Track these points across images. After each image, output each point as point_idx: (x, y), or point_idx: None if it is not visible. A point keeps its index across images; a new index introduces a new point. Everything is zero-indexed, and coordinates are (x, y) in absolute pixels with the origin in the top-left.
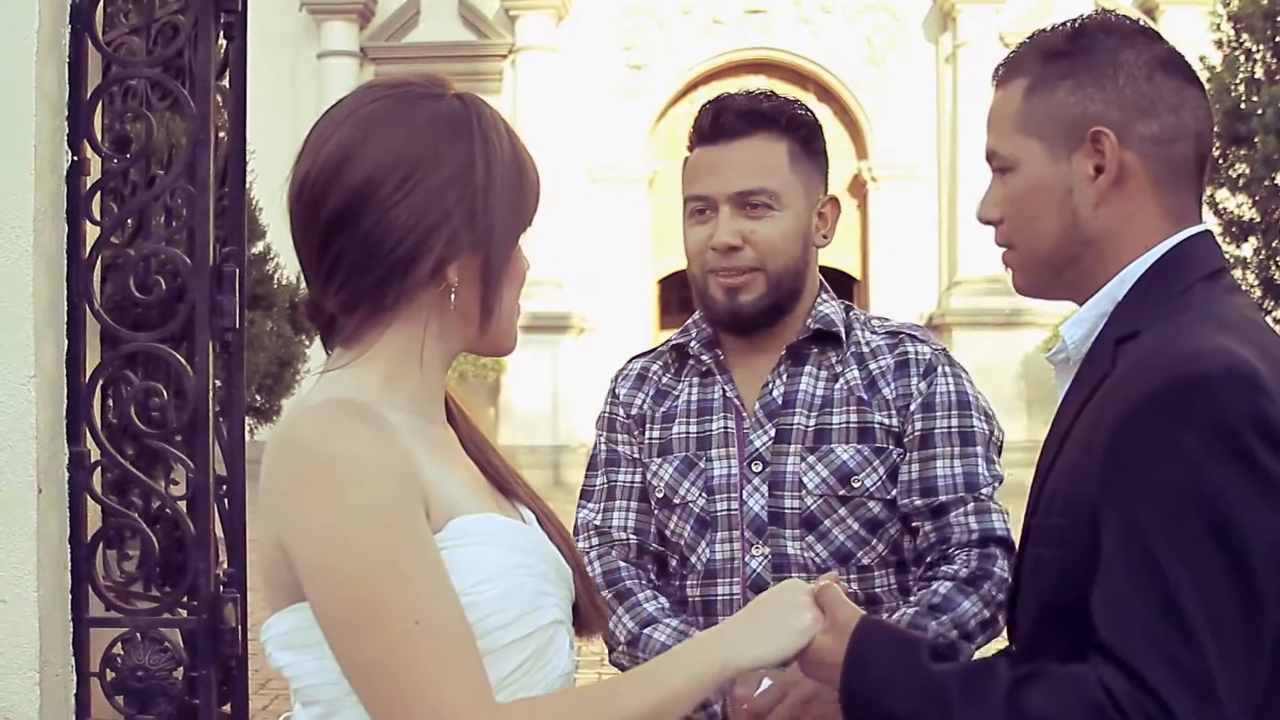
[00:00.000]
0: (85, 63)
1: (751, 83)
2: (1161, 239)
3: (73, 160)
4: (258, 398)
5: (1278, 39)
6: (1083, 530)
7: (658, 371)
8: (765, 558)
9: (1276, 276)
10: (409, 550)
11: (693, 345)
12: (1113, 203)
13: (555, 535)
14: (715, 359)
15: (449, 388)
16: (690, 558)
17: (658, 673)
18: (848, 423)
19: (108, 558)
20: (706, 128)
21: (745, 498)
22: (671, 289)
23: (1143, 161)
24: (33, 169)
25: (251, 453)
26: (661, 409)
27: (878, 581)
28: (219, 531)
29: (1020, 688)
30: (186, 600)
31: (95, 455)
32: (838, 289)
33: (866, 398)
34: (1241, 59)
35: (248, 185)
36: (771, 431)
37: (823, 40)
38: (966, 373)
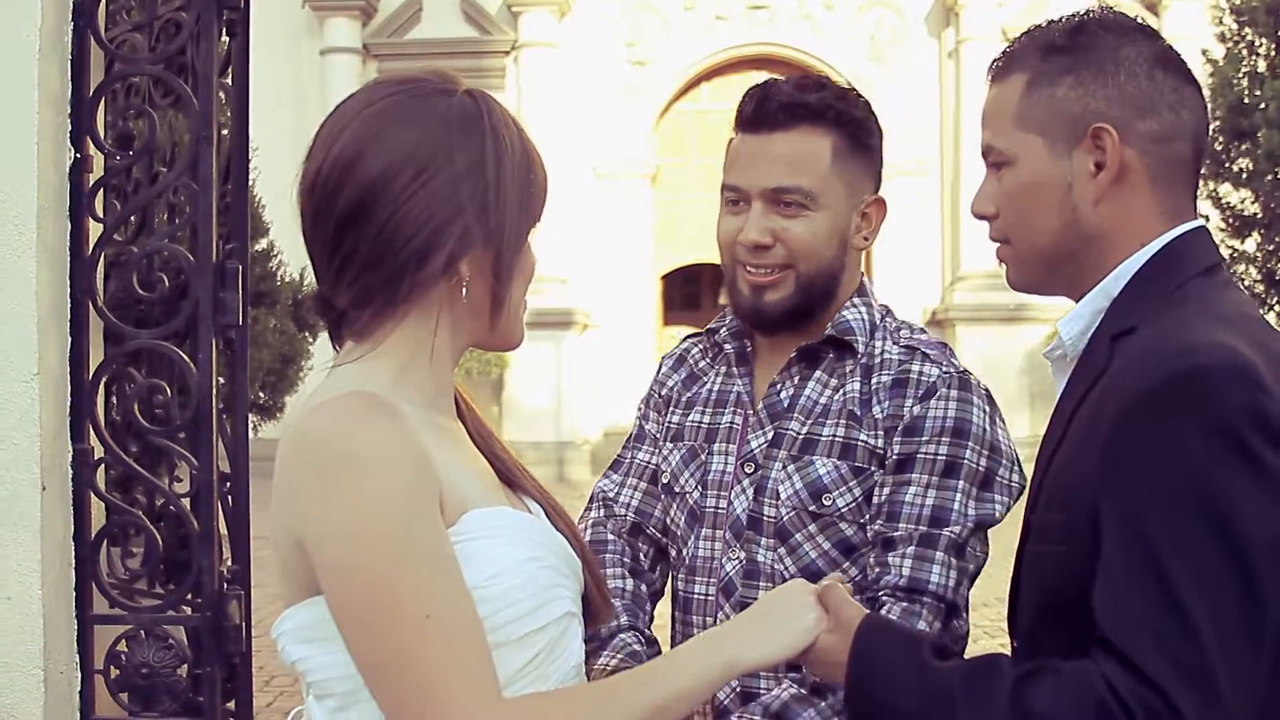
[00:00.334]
0: (88, 60)
1: (754, 79)
2: (1158, 235)
3: (76, 157)
4: (261, 395)
5: None
6: (1082, 526)
7: (697, 355)
8: (739, 562)
9: (1279, 271)
10: (424, 544)
11: (721, 333)
12: (1112, 199)
13: (563, 528)
14: (739, 350)
15: (456, 382)
16: (682, 550)
17: (663, 671)
18: (834, 437)
19: (112, 555)
20: (749, 114)
21: (733, 498)
22: (675, 285)
23: (1142, 159)
24: (36, 166)
25: (255, 450)
26: (689, 394)
27: None
28: (223, 529)
29: (1024, 685)
30: (190, 597)
31: (99, 452)
32: None
33: (859, 414)
34: (1244, 53)
35: (250, 182)
36: (769, 434)
37: (825, 36)
38: (984, 402)
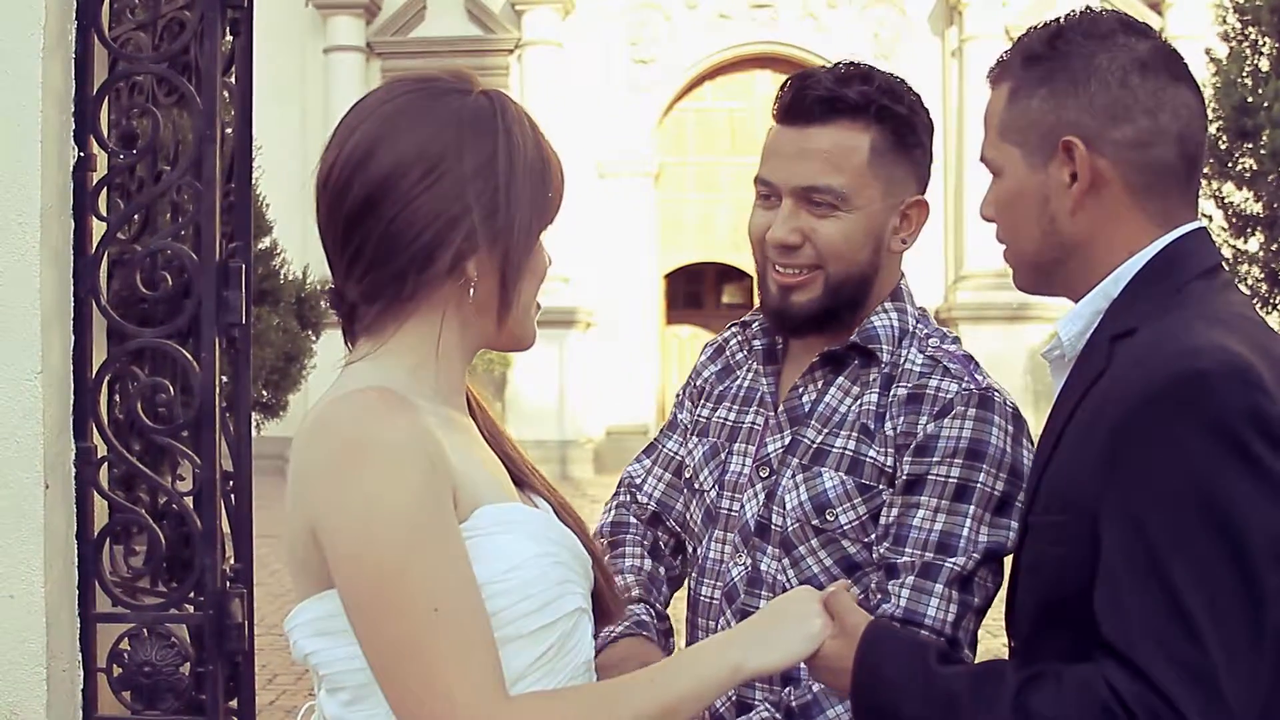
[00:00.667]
0: (91, 59)
1: (758, 77)
2: (1148, 240)
3: (79, 156)
4: (264, 393)
5: None
6: (1081, 527)
7: (735, 346)
8: (745, 568)
9: None
10: (435, 538)
11: (754, 328)
12: (1089, 209)
13: (572, 526)
14: (768, 348)
15: (467, 381)
16: (697, 549)
17: (668, 674)
18: (845, 450)
19: (114, 553)
20: (786, 105)
21: (745, 502)
22: (678, 283)
23: (1116, 167)
24: (39, 165)
25: (257, 448)
26: (721, 386)
27: None
28: (226, 527)
29: (1027, 690)
30: (193, 596)
31: (102, 451)
32: None
33: (871, 428)
34: (1248, 52)
35: (254, 180)
36: (786, 439)
37: (829, 35)
38: (1006, 422)
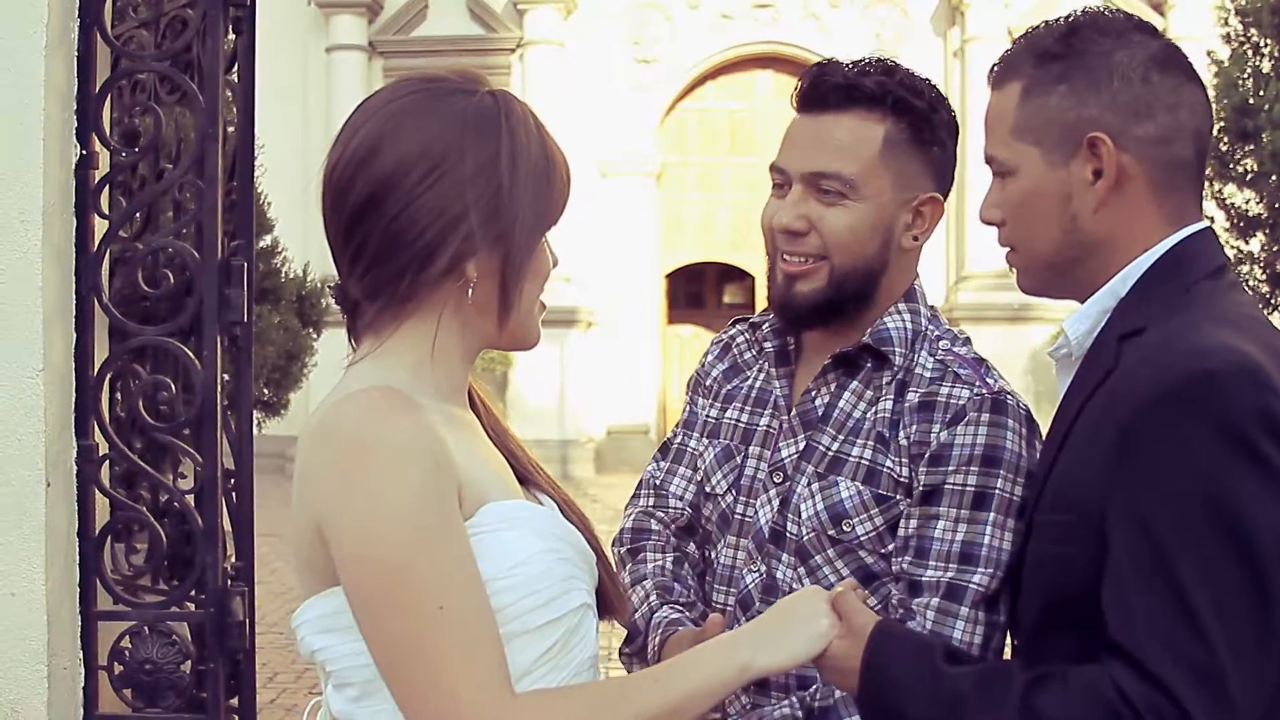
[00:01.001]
0: (94, 57)
1: (759, 77)
2: (1162, 238)
3: (81, 154)
4: (265, 391)
5: None
6: (1088, 526)
7: (742, 345)
8: (760, 575)
9: None
10: (439, 537)
11: (764, 329)
12: (1112, 206)
13: (576, 523)
14: (780, 349)
15: (471, 380)
16: (710, 553)
17: (676, 671)
18: (861, 459)
19: (116, 551)
20: (804, 92)
21: (759, 507)
22: (679, 283)
23: (1140, 164)
24: (41, 163)
25: (259, 447)
26: (728, 386)
27: None
28: (227, 525)
29: (1034, 690)
30: (194, 594)
31: (103, 449)
32: None
33: (887, 436)
34: (1249, 54)
35: (255, 179)
36: (801, 444)
37: (831, 35)
38: (1020, 425)
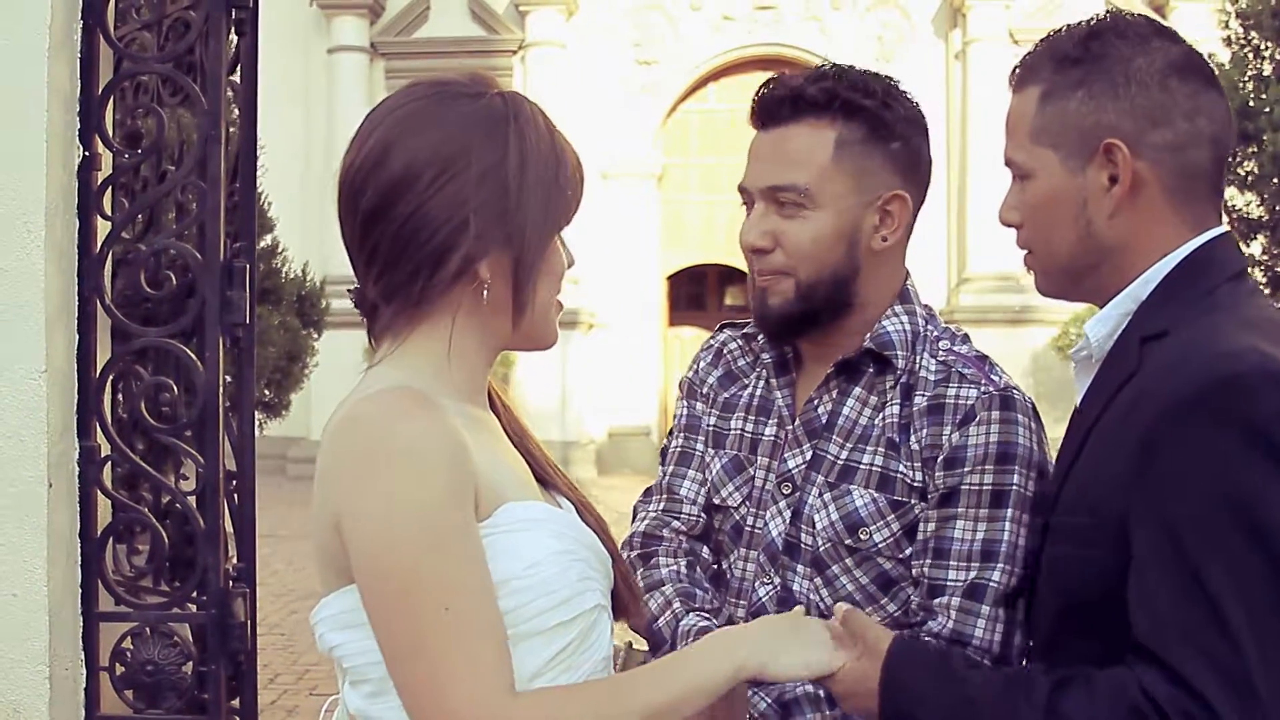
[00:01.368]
0: (97, 58)
1: (761, 80)
2: (1180, 244)
3: (84, 155)
4: (266, 392)
5: None
6: (1111, 529)
7: (735, 352)
8: (774, 588)
9: None
10: (453, 539)
11: (760, 339)
12: (1127, 212)
13: (593, 524)
14: (779, 358)
15: (491, 381)
16: (723, 564)
17: (674, 668)
18: (873, 465)
19: (117, 552)
20: (756, 110)
21: (769, 519)
22: (680, 285)
23: (1156, 170)
24: (44, 164)
25: (260, 448)
26: (725, 394)
27: None
28: (229, 526)
29: (1058, 693)
30: (196, 595)
31: (105, 450)
32: None
33: (897, 441)
34: (1250, 56)
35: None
36: (808, 454)
37: (832, 37)
38: (1030, 420)
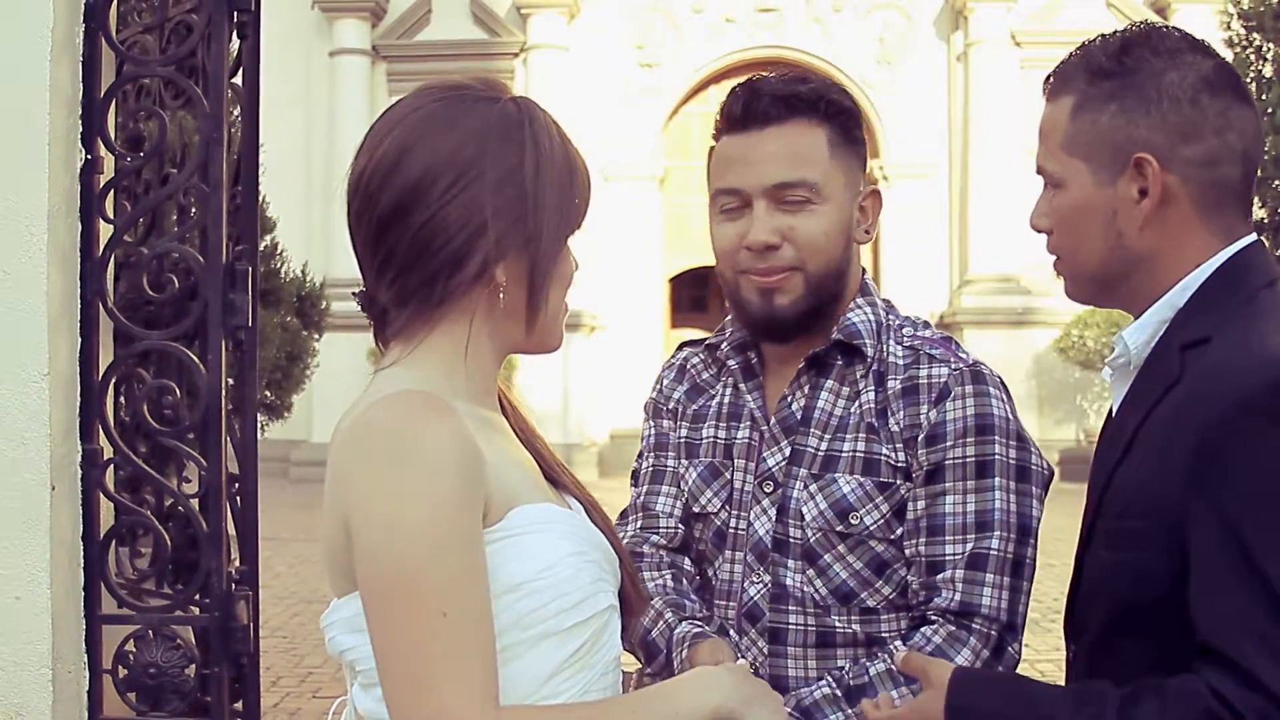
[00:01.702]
0: (99, 61)
1: None
2: (1211, 253)
3: (86, 158)
4: (267, 394)
5: None
6: (1166, 532)
7: (698, 365)
8: (765, 586)
9: None
10: (456, 546)
11: (723, 348)
12: (1157, 224)
13: (601, 525)
14: (744, 364)
15: (500, 383)
16: (708, 570)
17: (653, 701)
18: (855, 451)
19: (120, 555)
20: (738, 113)
21: (753, 519)
22: (682, 287)
23: (1186, 184)
24: (46, 167)
25: (262, 451)
26: (694, 406)
27: (884, 624)
28: (231, 529)
29: (1130, 705)
30: (199, 598)
31: (108, 453)
32: None
33: (876, 426)
34: (1252, 58)
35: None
36: (786, 450)
37: (834, 39)
38: (1000, 391)
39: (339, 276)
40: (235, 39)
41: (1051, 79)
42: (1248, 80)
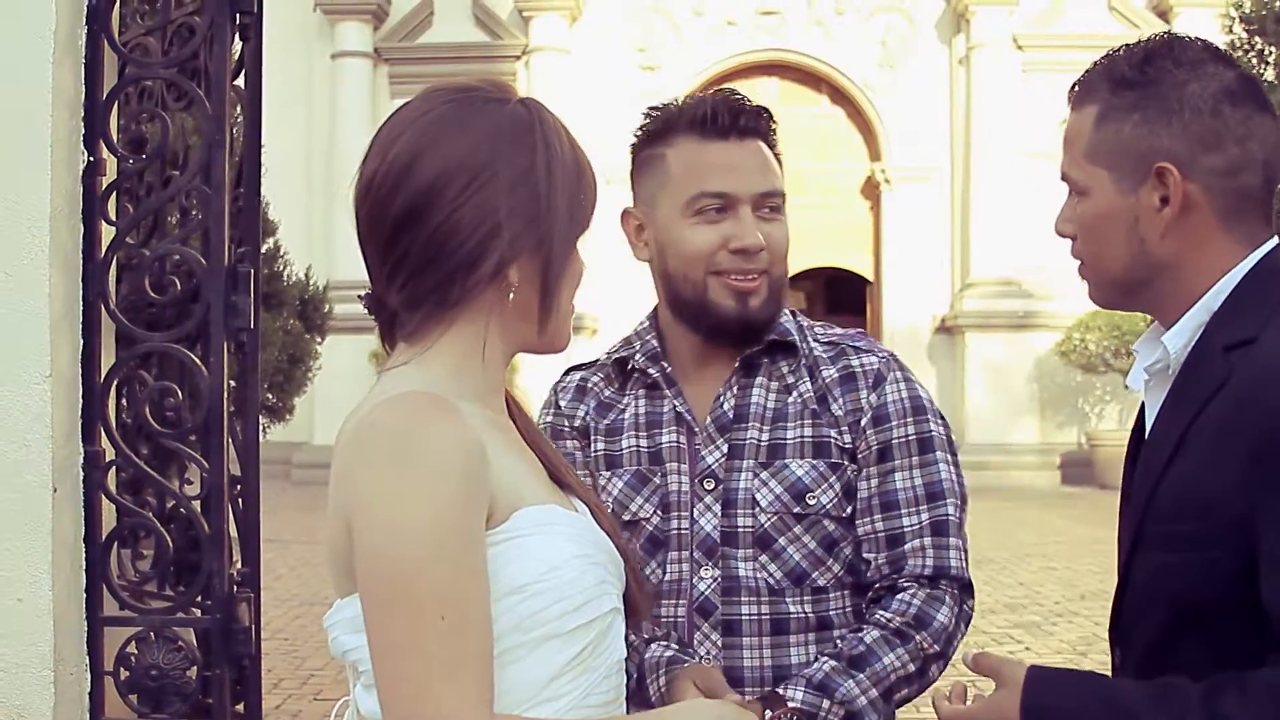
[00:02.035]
0: (101, 63)
1: (765, 84)
2: (1235, 260)
3: (88, 160)
4: (269, 396)
5: None
6: (1225, 532)
7: (599, 384)
8: (715, 579)
9: None
10: (457, 549)
11: (637, 359)
12: (1178, 232)
13: (606, 527)
14: (662, 372)
15: (505, 384)
16: (648, 574)
17: None
18: (802, 437)
19: (122, 557)
20: (725, 122)
21: (696, 516)
22: None
23: (1207, 194)
24: (49, 169)
25: (264, 453)
26: (606, 421)
27: (833, 604)
28: (233, 531)
29: (1213, 698)
30: (200, 599)
31: (110, 455)
32: (850, 291)
33: (819, 411)
34: (1254, 61)
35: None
36: (724, 447)
37: (836, 42)
38: (916, 378)
39: (341, 279)
40: (237, 41)
41: (1076, 88)
42: None
